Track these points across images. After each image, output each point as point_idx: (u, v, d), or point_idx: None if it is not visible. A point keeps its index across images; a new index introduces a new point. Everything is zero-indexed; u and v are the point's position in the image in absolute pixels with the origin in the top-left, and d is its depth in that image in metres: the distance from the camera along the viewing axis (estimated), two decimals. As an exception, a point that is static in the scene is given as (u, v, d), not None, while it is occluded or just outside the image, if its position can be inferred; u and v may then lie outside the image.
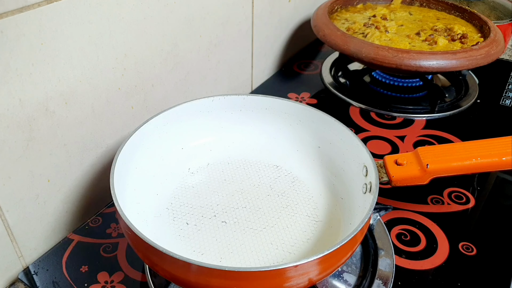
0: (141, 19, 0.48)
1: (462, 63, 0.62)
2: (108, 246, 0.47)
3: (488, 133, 0.65)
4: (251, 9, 0.67)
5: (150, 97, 0.54)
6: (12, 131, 0.39)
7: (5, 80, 0.37)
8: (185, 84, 0.59)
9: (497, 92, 0.74)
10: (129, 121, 0.52)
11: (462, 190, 0.54)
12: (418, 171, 0.44)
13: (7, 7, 0.35)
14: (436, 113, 0.68)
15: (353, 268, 0.44)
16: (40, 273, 0.44)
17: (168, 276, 0.36)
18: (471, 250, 0.46)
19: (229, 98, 0.52)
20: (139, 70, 0.51)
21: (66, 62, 0.42)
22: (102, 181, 0.51)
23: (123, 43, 0.47)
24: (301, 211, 0.47)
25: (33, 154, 0.42)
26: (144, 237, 0.34)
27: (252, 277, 0.33)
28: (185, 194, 0.49)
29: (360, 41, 0.64)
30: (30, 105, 0.40)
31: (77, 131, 0.46)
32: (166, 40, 0.53)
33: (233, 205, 0.47)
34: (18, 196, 0.42)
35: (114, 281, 0.43)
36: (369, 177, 0.42)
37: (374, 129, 0.65)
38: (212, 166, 0.52)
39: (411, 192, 0.53)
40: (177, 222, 0.45)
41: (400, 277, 0.43)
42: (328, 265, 0.35)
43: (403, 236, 0.48)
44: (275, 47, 0.78)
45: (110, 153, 0.51)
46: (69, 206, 0.48)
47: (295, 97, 0.72)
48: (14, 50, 0.37)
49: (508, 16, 0.86)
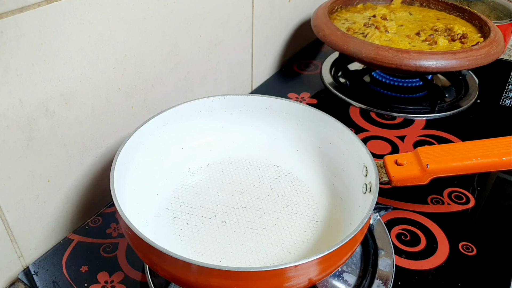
0: (141, 19, 0.48)
1: (462, 63, 0.62)
2: (108, 246, 0.47)
3: (488, 133, 0.65)
4: (251, 9, 0.67)
5: (150, 97, 0.54)
6: (12, 131, 0.39)
7: (5, 80, 0.37)
8: (185, 84, 0.59)
9: (497, 92, 0.74)
10: (129, 121, 0.52)
11: (462, 190, 0.54)
12: (418, 171, 0.44)
13: (7, 7, 0.35)
14: (436, 113, 0.68)
15: (353, 268, 0.44)
16: (40, 273, 0.44)
17: (168, 276, 0.36)
18: (471, 250, 0.46)
19: (229, 98, 0.52)
20: (139, 70, 0.51)
21: (66, 62, 0.42)
22: (102, 181, 0.51)
23: (123, 43, 0.47)
24: (301, 211, 0.47)
25: (33, 154, 0.42)
26: (144, 237, 0.34)
27: (252, 277, 0.33)
28: (185, 194, 0.49)
29: (360, 41, 0.64)
30: (30, 105, 0.40)
31: (77, 131, 0.46)
32: (166, 40, 0.53)
33: (233, 205, 0.47)
34: (18, 196, 0.42)
35: (114, 281, 0.43)
36: (369, 177, 0.42)
37: (374, 129, 0.65)
38: (212, 166, 0.52)
39: (411, 192, 0.53)
40: (177, 222, 0.45)
41: (400, 277, 0.43)
42: (328, 265, 0.35)
43: (403, 236, 0.48)
44: (275, 47, 0.78)
45: (110, 153, 0.51)
46: (69, 206, 0.48)
47: (295, 97, 0.72)
48: (14, 50, 0.37)
49: (508, 16, 0.86)
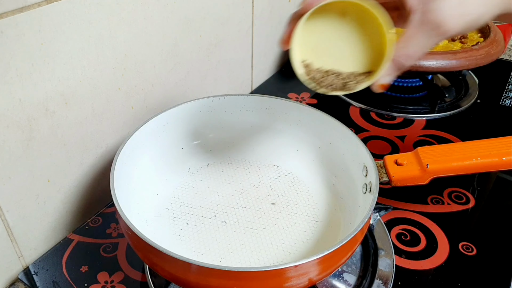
0: (141, 19, 0.48)
1: (462, 63, 0.62)
2: (108, 246, 0.47)
3: (488, 133, 0.65)
4: (251, 9, 0.67)
5: (150, 97, 0.54)
6: (12, 131, 0.39)
7: (5, 80, 0.37)
8: (185, 84, 0.59)
9: (497, 92, 0.74)
10: (129, 121, 0.52)
11: (462, 190, 0.54)
12: (418, 171, 0.44)
13: (7, 7, 0.35)
14: (436, 113, 0.68)
15: (353, 268, 0.44)
16: (40, 273, 0.44)
17: (168, 276, 0.36)
18: (471, 250, 0.46)
19: (229, 98, 0.52)
20: (139, 70, 0.51)
21: (66, 62, 0.42)
22: (102, 181, 0.51)
23: (123, 43, 0.47)
24: (301, 211, 0.47)
25: (33, 154, 0.42)
26: (144, 237, 0.34)
27: (252, 277, 0.33)
28: (185, 194, 0.49)
29: (360, 41, 0.64)
30: (30, 105, 0.40)
31: (77, 131, 0.46)
32: (166, 40, 0.53)
33: (233, 205, 0.47)
34: (18, 196, 0.42)
35: (114, 281, 0.43)
36: (369, 177, 0.42)
37: (374, 129, 0.65)
38: (212, 166, 0.52)
39: (411, 192, 0.53)
40: (177, 222, 0.45)
41: (400, 277, 0.43)
42: (328, 265, 0.35)
43: (403, 236, 0.48)
44: (275, 47, 0.77)
45: (110, 153, 0.51)
46: (69, 206, 0.48)
47: (295, 97, 0.72)
48: (14, 50, 0.37)
49: (508, 16, 0.86)
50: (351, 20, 0.35)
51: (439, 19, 0.31)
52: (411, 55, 0.33)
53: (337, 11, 0.35)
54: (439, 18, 0.31)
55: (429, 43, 0.32)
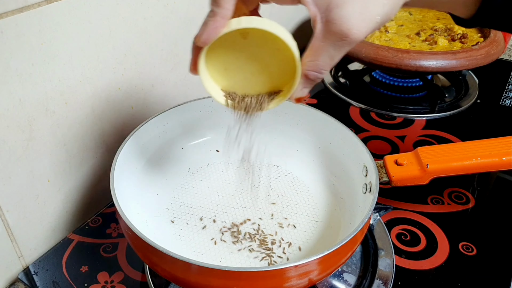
0: (141, 19, 0.48)
1: (462, 63, 0.62)
2: (108, 246, 0.47)
3: (488, 133, 0.65)
4: (251, 9, 0.66)
5: (150, 97, 0.54)
6: (12, 131, 0.39)
7: (5, 80, 0.37)
8: (185, 84, 0.59)
9: (497, 92, 0.74)
10: (129, 121, 0.52)
11: (462, 190, 0.54)
12: (418, 171, 0.44)
13: (7, 7, 0.35)
14: (436, 113, 0.68)
15: (353, 268, 0.44)
16: (40, 273, 0.44)
17: (168, 276, 0.36)
18: (471, 250, 0.46)
19: (229, 98, 0.52)
20: (139, 70, 0.51)
21: (66, 62, 0.42)
22: (102, 181, 0.51)
23: (123, 43, 0.47)
24: (301, 211, 0.47)
25: (33, 154, 0.42)
26: (144, 237, 0.34)
27: (252, 277, 0.33)
28: (185, 194, 0.49)
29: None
30: (30, 105, 0.40)
31: (77, 131, 0.46)
32: (166, 40, 0.53)
33: (233, 205, 0.47)
34: (18, 196, 0.42)
35: (114, 281, 0.43)
36: (369, 177, 0.42)
37: (374, 129, 0.65)
38: (212, 166, 0.52)
39: (411, 192, 0.53)
40: (177, 222, 0.45)
41: (400, 277, 0.43)
42: (328, 265, 0.35)
43: (403, 236, 0.48)
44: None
45: (110, 153, 0.51)
46: (69, 206, 0.48)
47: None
48: (14, 50, 0.37)
49: (508, 16, 0.86)
50: (253, 40, 0.33)
51: (344, 28, 0.28)
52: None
53: (237, 33, 0.33)
54: (344, 28, 0.28)
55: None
